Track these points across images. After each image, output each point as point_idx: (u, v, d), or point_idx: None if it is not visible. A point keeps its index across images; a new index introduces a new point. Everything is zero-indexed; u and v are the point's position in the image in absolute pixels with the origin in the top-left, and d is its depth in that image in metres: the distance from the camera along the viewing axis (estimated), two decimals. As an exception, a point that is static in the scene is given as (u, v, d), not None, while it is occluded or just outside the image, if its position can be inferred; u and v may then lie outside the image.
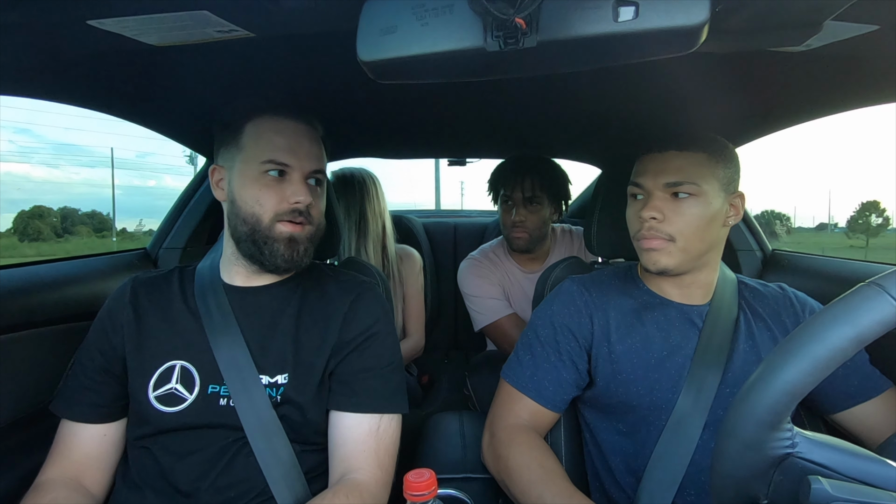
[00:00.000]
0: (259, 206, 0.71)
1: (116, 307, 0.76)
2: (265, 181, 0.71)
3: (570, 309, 0.83)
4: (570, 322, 0.82)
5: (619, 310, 0.82)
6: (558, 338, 0.82)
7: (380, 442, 0.72)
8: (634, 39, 0.44)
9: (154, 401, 0.69)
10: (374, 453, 0.71)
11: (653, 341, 0.78)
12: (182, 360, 0.72)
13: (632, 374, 0.77)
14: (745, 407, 0.39)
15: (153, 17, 0.53)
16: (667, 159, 0.77)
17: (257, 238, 0.72)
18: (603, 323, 0.81)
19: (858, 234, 37.99)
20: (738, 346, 0.77)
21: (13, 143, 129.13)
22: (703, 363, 0.75)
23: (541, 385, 0.80)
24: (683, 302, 0.81)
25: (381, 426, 0.73)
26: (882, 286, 0.36)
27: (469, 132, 1.32)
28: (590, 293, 0.84)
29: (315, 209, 0.75)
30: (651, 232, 0.76)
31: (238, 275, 0.78)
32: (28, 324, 0.87)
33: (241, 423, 0.68)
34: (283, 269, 0.74)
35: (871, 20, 0.53)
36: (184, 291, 0.77)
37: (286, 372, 0.72)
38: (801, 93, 0.85)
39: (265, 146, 0.72)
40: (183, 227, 1.35)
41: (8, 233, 39.95)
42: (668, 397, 0.75)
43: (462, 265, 1.53)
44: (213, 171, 0.77)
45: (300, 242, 0.73)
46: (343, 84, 0.84)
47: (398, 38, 0.48)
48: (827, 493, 0.36)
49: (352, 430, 0.72)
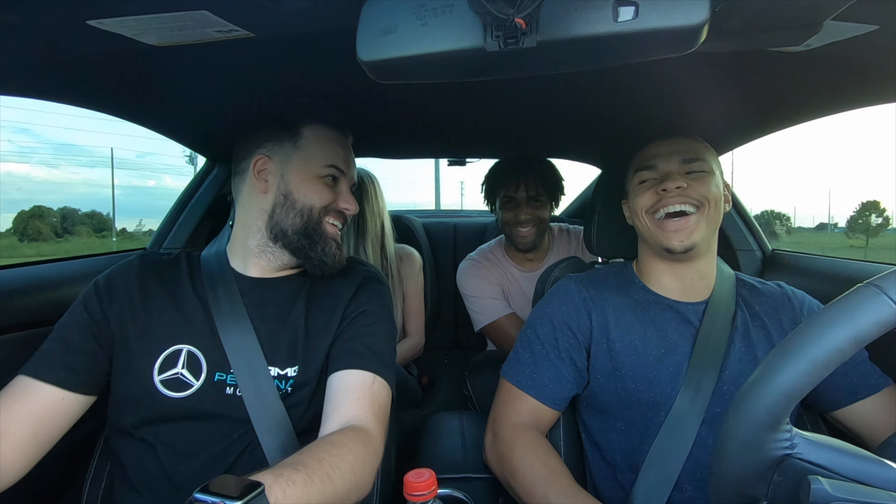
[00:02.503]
0: (317, 200, 0.77)
1: (119, 280, 0.74)
2: (323, 182, 0.79)
3: (569, 306, 0.83)
4: (568, 319, 0.82)
5: (617, 307, 0.82)
6: (557, 335, 0.82)
7: (374, 397, 0.70)
8: (634, 39, 0.44)
9: (160, 385, 0.69)
10: (370, 405, 0.69)
11: (650, 339, 0.79)
12: (189, 345, 0.71)
13: (630, 370, 0.78)
14: (744, 408, 0.39)
15: (153, 17, 0.53)
16: (675, 142, 0.81)
17: (310, 232, 0.77)
18: (601, 320, 0.81)
19: (858, 234, 38.01)
20: (734, 345, 0.77)
21: (13, 142, 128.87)
22: (701, 361, 0.75)
23: (541, 383, 0.80)
24: (681, 299, 0.82)
25: (374, 384, 0.71)
26: (880, 287, 0.36)
27: (469, 132, 1.32)
28: (588, 291, 0.84)
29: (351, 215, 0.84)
30: (676, 199, 0.77)
31: (257, 266, 0.79)
32: (28, 324, 0.87)
33: (248, 414, 0.68)
34: (329, 266, 0.77)
35: (871, 20, 0.53)
36: (192, 277, 0.77)
37: (296, 365, 0.72)
38: (801, 93, 0.85)
39: (328, 152, 0.79)
40: (183, 227, 1.35)
41: (8, 233, 39.97)
42: (667, 393, 0.76)
43: (461, 266, 1.54)
44: (259, 160, 0.78)
45: (342, 245, 0.81)
46: (343, 84, 0.84)
47: (398, 38, 0.48)
48: (827, 494, 0.36)
49: (346, 382, 0.70)
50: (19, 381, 0.66)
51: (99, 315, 0.72)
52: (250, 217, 0.78)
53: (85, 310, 0.72)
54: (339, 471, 0.55)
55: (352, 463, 0.58)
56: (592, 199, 1.01)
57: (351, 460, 0.58)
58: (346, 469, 0.56)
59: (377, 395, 0.71)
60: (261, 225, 0.77)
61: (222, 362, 0.70)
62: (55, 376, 0.67)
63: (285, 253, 0.78)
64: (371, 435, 0.65)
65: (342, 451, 0.58)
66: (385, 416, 0.71)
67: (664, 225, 0.78)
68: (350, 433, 0.63)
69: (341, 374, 0.71)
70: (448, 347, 1.90)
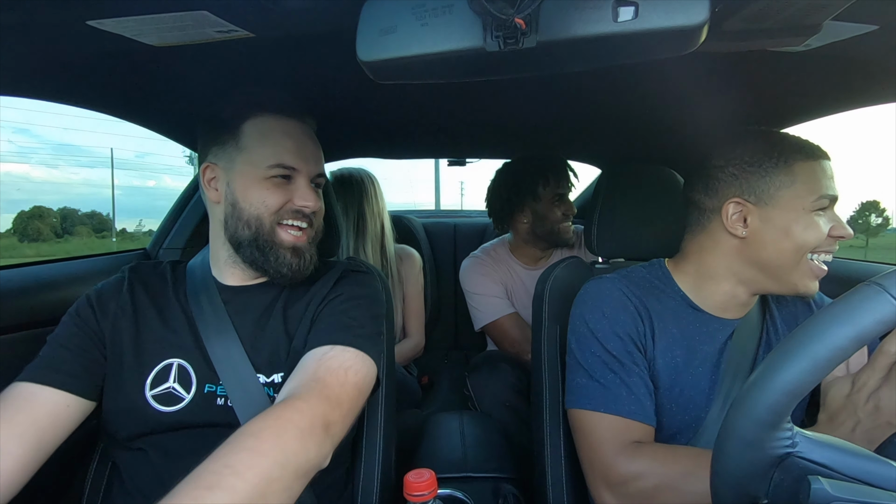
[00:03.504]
0: (264, 207, 0.70)
1: (111, 295, 0.73)
2: (271, 184, 0.71)
3: (625, 314, 0.74)
4: (629, 328, 0.74)
5: (661, 317, 0.75)
6: (629, 348, 0.72)
7: (320, 365, 0.63)
8: (634, 39, 0.44)
9: (151, 400, 0.68)
10: (311, 373, 0.62)
11: (692, 356, 0.73)
12: (179, 359, 0.70)
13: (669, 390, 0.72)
14: (745, 406, 0.39)
15: (153, 18, 0.53)
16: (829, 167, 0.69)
17: (261, 244, 0.71)
18: (650, 329, 0.74)
19: (858, 234, 38.00)
20: (759, 358, 0.75)
21: (12, 143, 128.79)
22: (730, 377, 0.73)
23: (638, 402, 0.69)
24: (720, 315, 0.76)
25: (326, 355, 0.64)
26: (882, 286, 0.36)
27: (469, 132, 1.32)
28: (636, 297, 0.76)
29: (318, 213, 0.75)
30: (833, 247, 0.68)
31: (233, 276, 0.77)
32: (28, 324, 0.87)
33: (240, 422, 0.67)
34: (289, 278, 0.72)
35: (871, 20, 0.53)
36: (177, 289, 0.76)
37: (282, 371, 0.71)
38: (801, 93, 0.85)
39: (272, 148, 0.70)
40: (182, 227, 1.35)
41: (8, 233, 39.96)
42: (699, 416, 0.72)
43: (465, 263, 1.53)
44: (206, 169, 0.74)
45: (305, 251, 0.73)
46: (343, 84, 0.84)
47: (398, 38, 0.48)
48: (827, 493, 0.36)
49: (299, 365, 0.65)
50: (18, 388, 0.63)
51: (94, 326, 0.71)
52: (215, 229, 0.76)
53: (79, 319, 0.71)
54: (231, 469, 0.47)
55: (253, 448, 0.49)
56: (593, 198, 1.01)
57: (252, 445, 0.49)
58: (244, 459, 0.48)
59: (326, 362, 0.63)
60: (223, 237, 0.74)
61: (211, 374, 0.69)
62: (58, 380, 0.65)
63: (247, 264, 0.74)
64: (296, 397, 0.57)
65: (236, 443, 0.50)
66: (336, 377, 0.62)
67: (816, 269, 0.69)
68: (261, 416, 0.54)
69: (300, 360, 0.66)
70: (448, 347, 1.90)
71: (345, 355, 0.65)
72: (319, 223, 0.77)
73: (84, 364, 0.68)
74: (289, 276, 0.72)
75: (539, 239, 1.47)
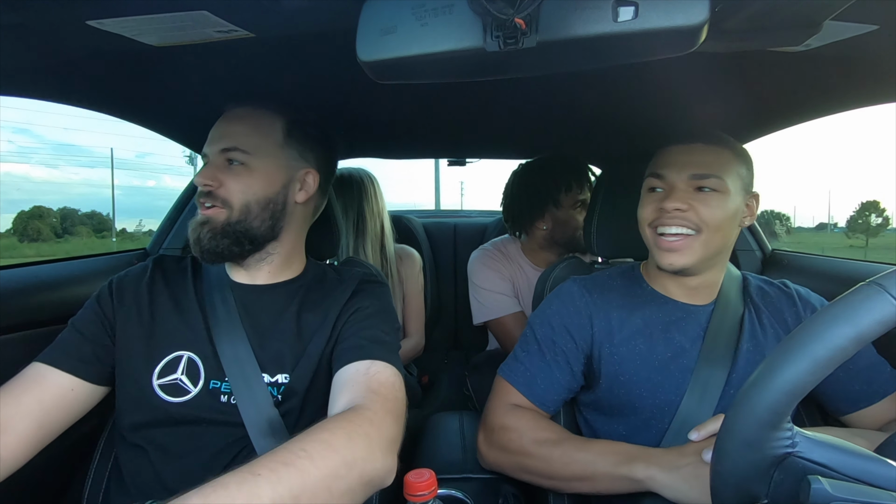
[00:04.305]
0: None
1: (131, 283, 0.76)
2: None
3: (570, 309, 0.82)
4: (568, 323, 0.81)
5: (622, 311, 0.81)
6: (555, 338, 0.81)
7: (372, 377, 0.65)
8: (634, 39, 0.44)
9: (158, 388, 0.69)
10: (366, 385, 0.64)
11: (657, 343, 0.78)
12: (189, 352, 0.71)
13: (635, 375, 0.77)
14: (745, 406, 0.39)
15: (153, 18, 0.53)
16: (693, 152, 0.76)
17: None
18: (604, 325, 0.80)
19: (858, 234, 38.04)
20: (742, 346, 0.76)
21: (12, 143, 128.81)
22: (708, 363, 0.75)
23: (532, 382, 0.80)
24: (688, 302, 0.81)
25: (371, 367, 0.67)
26: (882, 285, 0.36)
27: (469, 132, 1.32)
28: (591, 294, 0.83)
29: (225, 190, 0.71)
30: (674, 220, 0.74)
31: (236, 272, 0.78)
32: (28, 324, 0.87)
33: (243, 420, 0.68)
34: (201, 257, 0.73)
35: (871, 20, 0.53)
36: (195, 283, 0.78)
37: (286, 372, 0.72)
38: (801, 93, 0.85)
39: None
40: (182, 227, 1.35)
41: (8, 233, 39.97)
42: (672, 399, 0.75)
43: (474, 255, 1.52)
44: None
45: (205, 226, 0.72)
46: (343, 84, 0.84)
47: (398, 38, 0.48)
48: (827, 493, 0.36)
49: (345, 376, 0.67)
50: (34, 367, 0.68)
51: (110, 313, 0.74)
52: None
53: (98, 305, 0.74)
54: (306, 453, 0.49)
55: (327, 440, 0.52)
56: (592, 198, 1.01)
57: (326, 438, 0.52)
58: (319, 449, 0.50)
59: (376, 376, 0.66)
60: None
61: (218, 370, 0.70)
62: (67, 363, 0.68)
63: None
64: (364, 407, 0.59)
65: (312, 435, 0.52)
66: (391, 392, 0.65)
67: (660, 242, 0.76)
68: (335, 417, 0.58)
69: (341, 370, 0.69)
70: (448, 347, 1.90)
71: (387, 371, 0.67)
72: (241, 203, 0.72)
73: (94, 349, 0.71)
74: (199, 255, 0.73)
75: (556, 245, 1.43)
